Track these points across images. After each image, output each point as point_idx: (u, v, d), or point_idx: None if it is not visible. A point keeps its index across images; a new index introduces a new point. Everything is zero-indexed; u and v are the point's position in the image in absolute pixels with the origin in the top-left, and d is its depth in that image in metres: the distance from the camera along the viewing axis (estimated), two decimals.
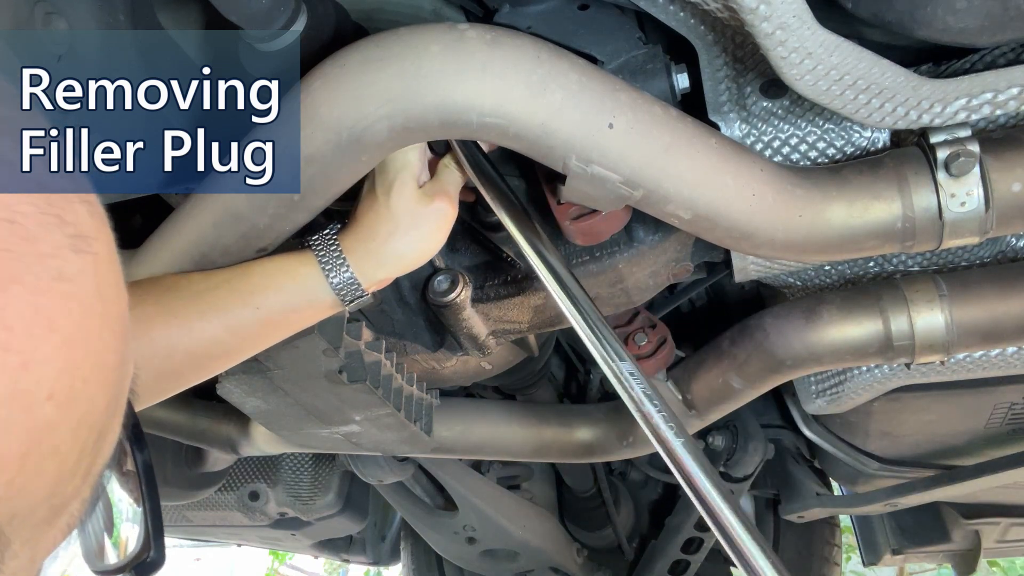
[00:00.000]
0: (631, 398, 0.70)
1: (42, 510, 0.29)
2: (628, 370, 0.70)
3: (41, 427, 0.27)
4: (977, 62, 0.73)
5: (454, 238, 0.92)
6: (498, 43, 0.63)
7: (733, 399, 1.02)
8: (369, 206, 0.70)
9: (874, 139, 0.77)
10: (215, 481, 1.62)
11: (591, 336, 0.71)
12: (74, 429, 0.29)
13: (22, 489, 0.27)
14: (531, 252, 0.73)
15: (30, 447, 0.27)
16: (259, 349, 0.73)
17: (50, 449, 0.28)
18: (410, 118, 0.63)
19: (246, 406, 0.96)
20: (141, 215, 0.96)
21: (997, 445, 1.22)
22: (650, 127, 0.66)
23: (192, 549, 5.16)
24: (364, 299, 0.71)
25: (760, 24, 0.62)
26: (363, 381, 0.88)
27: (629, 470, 1.95)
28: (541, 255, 0.73)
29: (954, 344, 0.86)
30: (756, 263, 0.89)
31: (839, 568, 2.02)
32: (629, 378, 0.70)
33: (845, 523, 2.19)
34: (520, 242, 0.73)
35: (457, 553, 1.72)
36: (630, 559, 1.87)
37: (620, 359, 0.70)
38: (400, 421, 0.98)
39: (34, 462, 0.27)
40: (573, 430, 1.23)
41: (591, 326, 0.71)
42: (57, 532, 0.31)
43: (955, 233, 0.73)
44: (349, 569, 5.35)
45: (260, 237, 0.71)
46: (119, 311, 0.32)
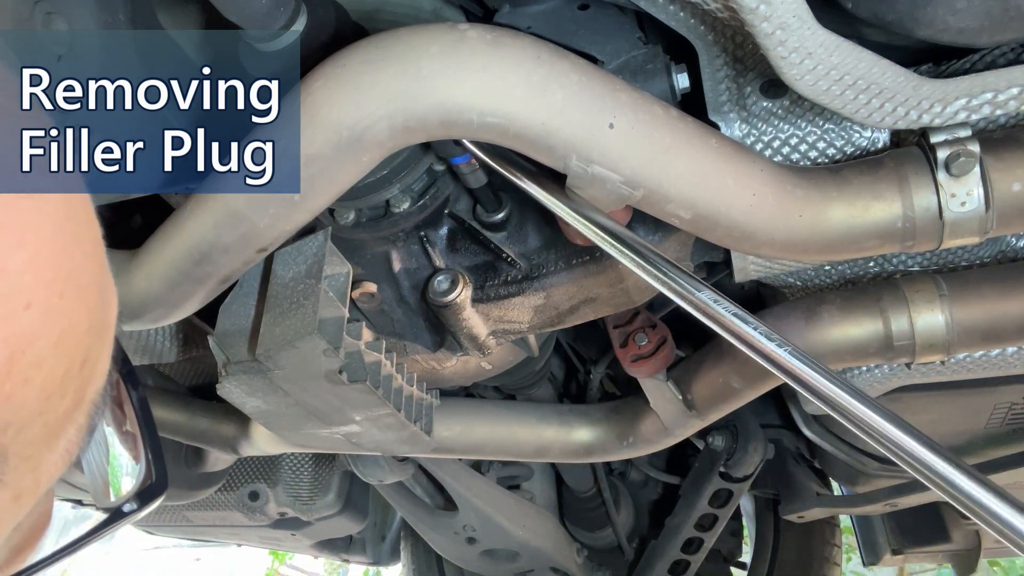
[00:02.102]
0: (721, 325, 0.66)
1: (36, 426, 0.29)
2: (710, 298, 0.66)
3: (22, 335, 0.28)
4: (977, 62, 0.73)
5: (454, 238, 0.92)
6: (498, 43, 0.63)
7: (733, 399, 1.02)
8: None
9: (874, 139, 0.77)
10: (215, 481, 1.62)
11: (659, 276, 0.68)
12: (55, 344, 0.29)
13: (11, 396, 0.28)
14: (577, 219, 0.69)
15: (13, 353, 0.28)
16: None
17: (34, 360, 0.28)
18: (410, 118, 0.63)
19: (246, 406, 0.96)
20: (141, 215, 0.96)
21: (997, 445, 1.22)
22: (651, 127, 0.66)
23: (192, 549, 5.16)
24: None
25: (760, 24, 0.62)
26: (363, 381, 0.88)
27: (629, 470, 1.95)
28: (584, 215, 0.69)
29: (954, 344, 0.86)
30: (756, 263, 0.89)
31: (839, 568, 2.02)
32: (714, 305, 0.66)
33: (845, 523, 2.19)
34: (563, 212, 0.70)
35: (457, 553, 1.72)
36: (630, 559, 1.87)
37: (698, 290, 0.67)
38: (400, 421, 0.98)
39: (20, 370, 0.28)
40: (573, 430, 1.23)
41: (657, 268, 0.68)
42: (58, 458, 0.32)
43: (955, 233, 0.73)
44: (349, 569, 5.35)
45: (260, 237, 0.71)
46: (92, 235, 0.33)
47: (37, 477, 0.31)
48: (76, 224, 0.31)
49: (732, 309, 0.65)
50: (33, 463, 0.30)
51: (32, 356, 0.28)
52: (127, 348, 1.14)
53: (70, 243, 0.31)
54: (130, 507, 0.43)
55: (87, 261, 0.32)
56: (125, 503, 0.43)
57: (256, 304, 0.82)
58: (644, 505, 1.97)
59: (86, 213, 0.33)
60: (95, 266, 0.32)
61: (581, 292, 0.89)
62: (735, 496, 1.56)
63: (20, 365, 0.28)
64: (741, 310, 0.65)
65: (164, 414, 1.31)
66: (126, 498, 0.44)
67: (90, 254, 0.32)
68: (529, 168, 0.71)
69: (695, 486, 1.58)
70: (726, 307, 0.65)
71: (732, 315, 0.65)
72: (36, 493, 0.31)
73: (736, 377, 0.98)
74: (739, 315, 0.65)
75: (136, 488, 0.44)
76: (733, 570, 2.04)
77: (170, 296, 0.79)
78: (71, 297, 0.30)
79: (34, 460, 0.30)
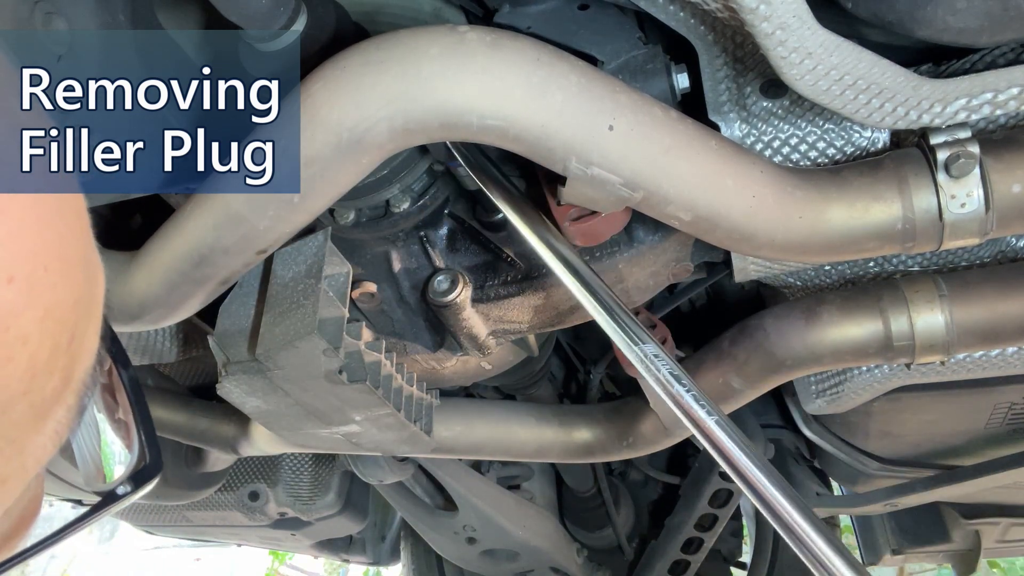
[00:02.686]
0: (658, 380, 0.68)
1: (22, 406, 0.28)
2: (652, 352, 0.68)
3: (4, 310, 0.27)
4: (977, 62, 0.73)
5: (454, 238, 0.92)
6: (498, 45, 0.63)
7: (733, 399, 1.02)
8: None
9: (874, 139, 0.77)
10: (215, 481, 1.62)
11: (610, 322, 0.69)
12: (41, 320, 0.28)
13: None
14: (539, 244, 0.71)
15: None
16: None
17: (18, 337, 0.27)
18: (410, 120, 0.63)
19: (246, 406, 0.96)
20: (141, 215, 0.96)
21: (997, 445, 1.22)
22: (650, 129, 0.66)
23: (192, 549, 5.16)
24: None
25: (760, 24, 0.62)
26: (363, 381, 0.88)
27: (629, 470, 1.95)
28: (551, 246, 0.71)
29: (954, 344, 0.86)
30: (756, 263, 0.89)
31: None
32: (654, 360, 0.68)
33: (845, 523, 2.19)
34: (527, 235, 0.72)
35: (457, 553, 1.72)
36: (630, 559, 1.87)
37: (643, 342, 0.68)
38: (400, 421, 0.98)
39: (2, 346, 0.27)
40: (573, 430, 1.23)
41: (609, 312, 0.70)
42: (46, 440, 0.31)
43: (955, 234, 0.73)
44: (349, 569, 5.35)
45: (260, 239, 0.71)
46: (76, 208, 0.32)
47: (23, 461, 0.30)
48: (60, 199, 0.30)
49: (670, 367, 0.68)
50: (19, 446, 0.29)
51: (16, 332, 0.27)
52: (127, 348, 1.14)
53: (53, 215, 0.30)
54: (124, 489, 0.42)
55: (71, 234, 0.31)
56: (119, 485, 0.42)
57: (256, 304, 0.82)
58: (644, 505, 1.97)
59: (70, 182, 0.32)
60: (80, 239, 0.31)
61: None
62: (735, 496, 1.56)
63: (3, 341, 0.27)
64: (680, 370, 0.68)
65: (164, 414, 1.31)
66: (120, 480, 0.42)
67: (75, 228, 0.31)
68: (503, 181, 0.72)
69: (695, 486, 1.58)
70: (665, 363, 0.68)
71: (668, 373, 0.68)
72: (23, 478, 0.30)
73: (736, 377, 0.98)
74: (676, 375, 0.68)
75: (130, 470, 0.42)
76: (733, 570, 2.04)
77: (169, 298, 0.79)
78: (56, 270, 0.29)
79: (20, 443, 0.29)
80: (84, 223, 0.32)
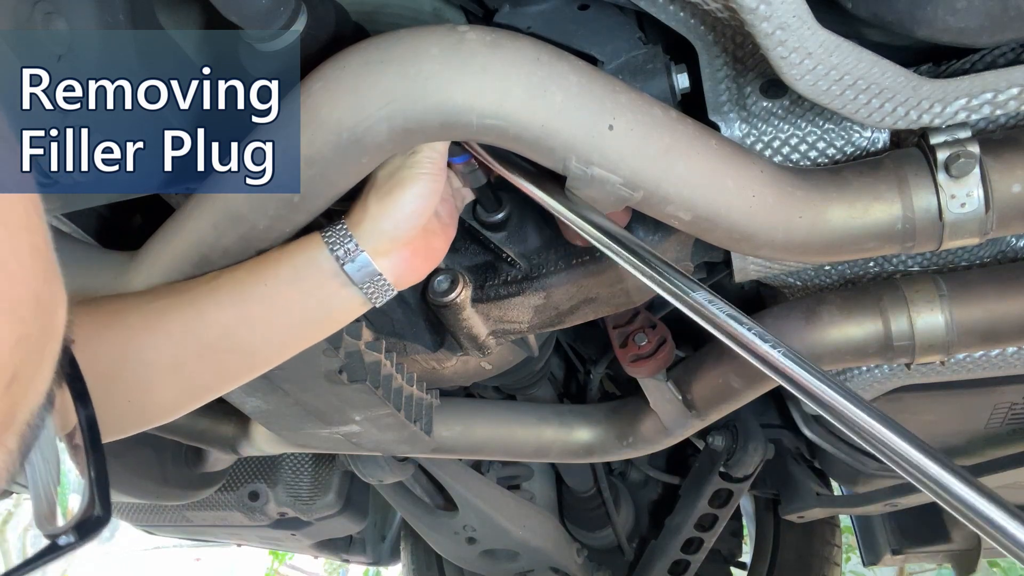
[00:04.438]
0: (716, 326, 0.65)
1: None
2: (705, 298, 0.65)
3: None
4: (977, 62, 0.73)
5: (454, 238, 0.92)
6: (498, 45, 0.63)
7: (733, 399, 1.02)
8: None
9: (874, 139, 0.77)
10: (215, 481, 1.62)
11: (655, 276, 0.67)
12: None
13: None
14: (572, 216, 0.69)
15: None
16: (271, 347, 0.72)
17: None
18: (410, 119, 0.63)
19: (246, 406, 0.96)
20: (141, 215, 0.96)
21: (997, 445, 1.22)
22: (650, 129, 0.66)
23: (192, 549, 5.16)
24: (370, 270, 0.68)
25: (760, 24, 0.62)
26: (363, 381, 0.88)
27: (629, 470, 1.95)
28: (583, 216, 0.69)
29: (954, 344, 0.86)
30: (756, 263, 0.89)
31: (839, 568, 2.03)
32: (709, 306, 0.65)
33: (845, 523, 2.19)
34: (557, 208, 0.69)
35: (457, 553, 1.72)
36: (630, 559, 1.87)
37: (692, 291, 0.66)
38: (400, 421, 0.98)
39: None
40: (573, 430, 1.23)
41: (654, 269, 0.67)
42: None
43: (955, 234, 0.73)
44: (349, 569, 5.36)
45: (260, 239, 0.71)
46: (31, 242, 0.30)
47: None
48: (8, 229, 0.29)
49: (727, 310, 0.65)
50: None
51: None
52: None
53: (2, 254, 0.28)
54: (66, 540, 0.37)
55: (20, 270, 0.29)
56: (61, 535, 0.37)
57: None
58: (644, 505, 1.97)
59: (25, 216, 0.30)
60: (31, 276, 0.30)
61: (581, 292, 0.90)
62: (735, 496, 1.56)
63: None
64: (736, 311, 0.65)
65: None
66: (64, 528, 0.37)
67: (26, 264, 0.29)
68: (528, 169, 0.71)
69: (695, 486, 1.58)
70: (721, 308, 0.65)
71: (727, 316, 0.64)
72: None
73: (736, 377, 0.98)
74: (734, 316, 0.64)
75: (76, 518, 0.38)
76: (733, 570, 2.04)
77: None
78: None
79: None
80: (41, 255, 0.31)
